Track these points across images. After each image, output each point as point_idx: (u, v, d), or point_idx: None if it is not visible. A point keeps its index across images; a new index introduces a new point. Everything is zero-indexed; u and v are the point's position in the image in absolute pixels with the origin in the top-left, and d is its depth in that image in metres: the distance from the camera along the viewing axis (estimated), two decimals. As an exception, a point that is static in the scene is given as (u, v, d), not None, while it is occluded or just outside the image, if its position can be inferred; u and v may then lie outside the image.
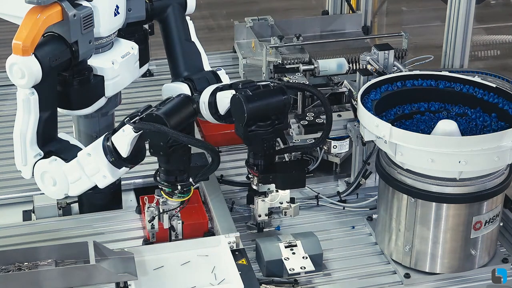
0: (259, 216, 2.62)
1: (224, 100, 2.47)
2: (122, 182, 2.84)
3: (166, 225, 2.48)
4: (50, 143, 2.37)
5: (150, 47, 2.77)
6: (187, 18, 2.73)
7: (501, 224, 2.57)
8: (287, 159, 2.72)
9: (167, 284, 2.31)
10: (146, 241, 2.61)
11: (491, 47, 5.80)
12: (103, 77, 2.45)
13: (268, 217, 2.76)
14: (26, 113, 2.29)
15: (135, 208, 2.80)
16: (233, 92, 2.42)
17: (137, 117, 2.25)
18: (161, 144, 2.26)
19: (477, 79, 2.63)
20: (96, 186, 2.38)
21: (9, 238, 2.65)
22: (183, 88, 2.58)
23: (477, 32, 5.74)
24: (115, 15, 2.43)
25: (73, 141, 2.44)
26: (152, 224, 2.50)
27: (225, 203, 2.72)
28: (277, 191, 2.59)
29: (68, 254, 2.36)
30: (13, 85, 2.21)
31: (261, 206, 2.61)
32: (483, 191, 2.41)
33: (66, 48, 2.28)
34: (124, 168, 2.34)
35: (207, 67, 2.72)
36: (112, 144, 2.29)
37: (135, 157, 2.32)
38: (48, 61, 2.22)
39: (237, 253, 2.40)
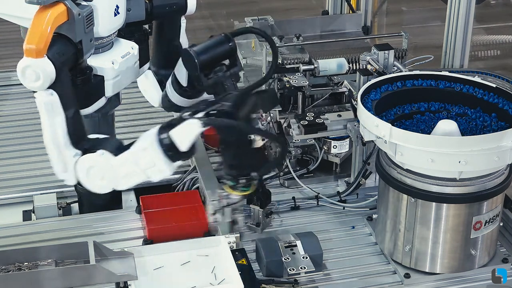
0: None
1: (180, 68, 2.53)
2: (122, 182, 2.84)
3: (227, 218, 2.46)
4: (82, 141, 2.33)
5: (150, 47, 2.77)
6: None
7: (501, 224, 2.57)
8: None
9: (167, 284, 2.31)
10: (146, 241, 2.62)
11: (491, 47, 5.80)
12: (103, 77, 2.45)
13: (268, 217, 2.76)
14: (51, 116, 2.26)
15: (135, 208, 2.80)
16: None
17: (202, 112, 2.22)
18: (234, 139, 2.26)
19: (477, 79, 2.63)
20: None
21: (9, 238, 2.66)
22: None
23: (477, 32, 5.74)
24: (115, 15, 2.43)
25: (103, 136, 2.40)
26: (216, 217, 2.47)
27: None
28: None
29: (68, 254, 2.36)
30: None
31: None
32: (483, 191, 2.41)
33: (72, 48, 2.28)
34: (179, 161, 2.30)
35: None
36: (171, 138, 2.26)
37: (191, 150, 2.28)
38: (59, 60, 2.22)
39: (237, 253, 2.40)
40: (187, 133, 2.22)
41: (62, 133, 2.28)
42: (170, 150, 2.24)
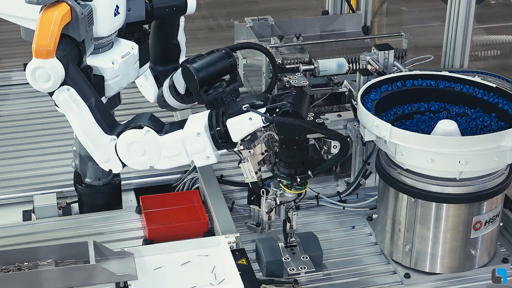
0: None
1: (179, 78, 2.54)
2: (122, 182, 2.84)
3: (282, 216, 2.49)
4: (115, 126, 2.35)
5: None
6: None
7: (501, 224, 2.57)
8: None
9: (167, 284, 2.31)
10: (146, 241, 2.62)
11: (491, 47, 5.80)
12: (103, 77, 2.45)
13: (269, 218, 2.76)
14: (76, 110, 2.27)
15: (135, 208, 2.80)
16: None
17: (264, 107, 2.24)
18: (296, 138, 2.30)
19: (477, 79, 2.63)
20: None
21: (9, 238, 2.65)
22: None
23: (477, 32, 5.73)
24: (115, 15, 2.43)
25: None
26: (270, 215, 2.50)
27: (225, 203, 2.72)
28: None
29: (68, 254, 2.35)
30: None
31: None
32: (483, 191, 2.41)
33: (76, 47, 2.28)
34: (223, 150, 2.33)
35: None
36: (225, 127, 2.27)
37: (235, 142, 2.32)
38: (66, 58, 2.22)
39: (237, 253, 2.40)
40: (246, 126, 2.24)
41: (93, 123, 2.29)
42: (222, 138, 2.26)
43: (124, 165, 2.38)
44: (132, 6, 2.54)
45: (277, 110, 2.24)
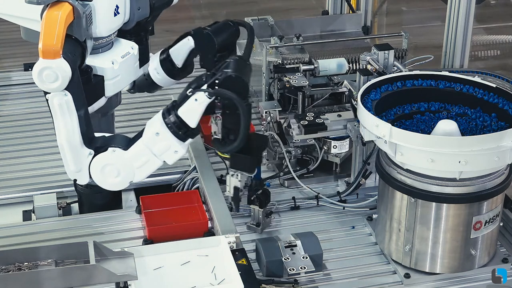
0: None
1: (182, 48, 2.61)
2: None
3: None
4: (93, 140, 2.35)
5: (150, 47, 2.77)
6: None
7: (501, 224, 2.57)
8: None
9: (167, 284, 2.31)
10: (146, 241, 2.62)
11: (491, 47, 5.80)
12: (103, 77, 2.44)
13: (268, 217, 2.76)
14: (67, 117, 2.26)
15: (135, 208, 2.80)
16: (189, 38, 2.63)
17: (204, 84, 2.25)
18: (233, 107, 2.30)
19: (477, 79, 2.63)
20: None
21: (9, 238, 2.66)
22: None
23: (477, 32, 5.73)
24: (115, 15, 2.43)
25: (108, 134, 2.42)
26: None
27: (225, 203, 2.72)
28: None
29: (68, 254, 2.35)
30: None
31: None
32: (483, 191, 2.41)
33: (79, 47, 2.28)
34: (189, 140, 2.33)
35: None
36: (178, 117, 2.27)
37: (197, 127, 2.32)
38: (72, 60, 2.22)
39: (237, 253, 2.40)
40: (195, 108, 2.25)
41: (78, 133, 2.29)
42: (181, 129, 2.27)
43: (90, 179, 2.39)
44: (141, 4, 2.55)
45: (217, 81, 2.24)
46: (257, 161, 2.42)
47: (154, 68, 2.68)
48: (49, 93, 2.23)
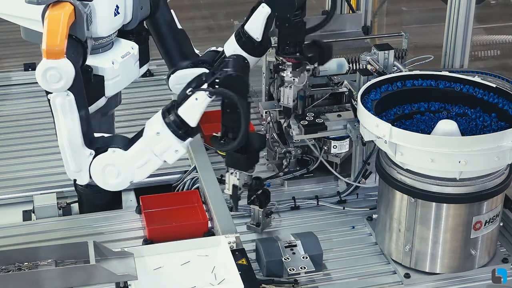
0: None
1: (258, 19, 2.59)
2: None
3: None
4: (93, 140, 2.35)
5: (150, 47, 2.77)
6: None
7: (501, 224, 2.57)
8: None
9: (167, 284, 2.31)
10: (146, 241, 2.62)
11: (491, 47, 5.79)
12: (103, 77, 2.45)
13: (268, 217, 2.76)
14: (68, 117, 2.26)
15: (135, 208, 2.80)
16: (263, 5, 2.61)
17: (205, 83, 2.24)
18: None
19: (477, 79, 2.63)
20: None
21: (9, 238, 2.66)
22: (201, 72, 2.61)
23: (477, 32, 5.72)
24: (115, 15, 2.43)
25: (107, 134, 2.42)
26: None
27: (225, 203, 2.72)
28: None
29: (68, 254, 2.35)
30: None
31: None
32: (483, 191, 2.41)
33: (81, 48, 2.28)
34: (189, 139, 2.33)
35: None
36: (178, 116, 2.27)
37: (198, 126, 2.32)
38: (75, 60, 2.22)
39: (237, 253, 2.40)
40: (196, 107, 2.25)
41: (79, 133, 2.30)
42: (181, 129, 2.28)
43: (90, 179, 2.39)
44: (143, 3, 2.55)
45: (217, 80, 2.24)
46: (253, 160, 2.42)
47: (233, 51, 2.63)
48: (51, 93, 2.24)
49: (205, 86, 2.24)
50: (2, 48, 4.74)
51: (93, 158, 2.33)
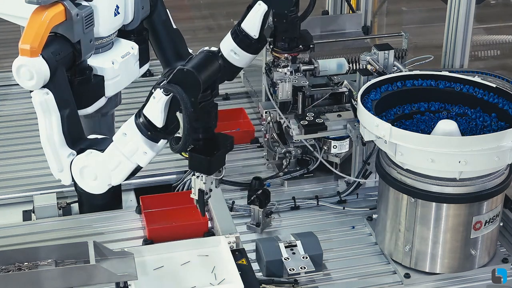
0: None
1: (255, 16, 2.51)
2: (122, 182, 2.83)
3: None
4: (79, 141, 2.35)
5: (150, 47, 2.77)
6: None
7: (501, 224, 2.57)
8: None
9: (167, 284, 2.31)
10: (146, 241, 2.62)
11: (491, 47, 5.79)
12: (103, 77, 2.45)
13: (268, 217, 2.76)
14: (47, 115, 2.28)
15: (135, 208, 2.80)
16: (260, 2, 2.50)
17: (165, 81, 2.18)
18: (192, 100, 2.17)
19: (477, 79, 2.63)
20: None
21: (9, 238, 2.66)
22: None
23: (477, 32, 5.72)
24: (115, 15, 2.43)
25: (101, 136, 2.42)
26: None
27: (225, 203, 2.72)
28: None
29: (68, 254, 2.35)
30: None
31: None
32: (483, 191, 2.41)
33: (69, 48, 2.28)
34: (162, 141, 2.28)
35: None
36: (145, 117, 2.23)
37: (171, 127, 2.25)
38: (54, 59, 2.22)
39: (237, 253, 2.40)
40: (155, 106, 2.20)
41: (58, 132, 2.30)
42: (149, 130, 2.23)
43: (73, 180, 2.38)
44: (144, 3, 2.55)
45: (171, 76, 2.16)
46: (218, 163, 2.26)
47: (231, 49, 2.55)
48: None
49: (164, 83, 2.16)
50: (2, 48, 4.75)
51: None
